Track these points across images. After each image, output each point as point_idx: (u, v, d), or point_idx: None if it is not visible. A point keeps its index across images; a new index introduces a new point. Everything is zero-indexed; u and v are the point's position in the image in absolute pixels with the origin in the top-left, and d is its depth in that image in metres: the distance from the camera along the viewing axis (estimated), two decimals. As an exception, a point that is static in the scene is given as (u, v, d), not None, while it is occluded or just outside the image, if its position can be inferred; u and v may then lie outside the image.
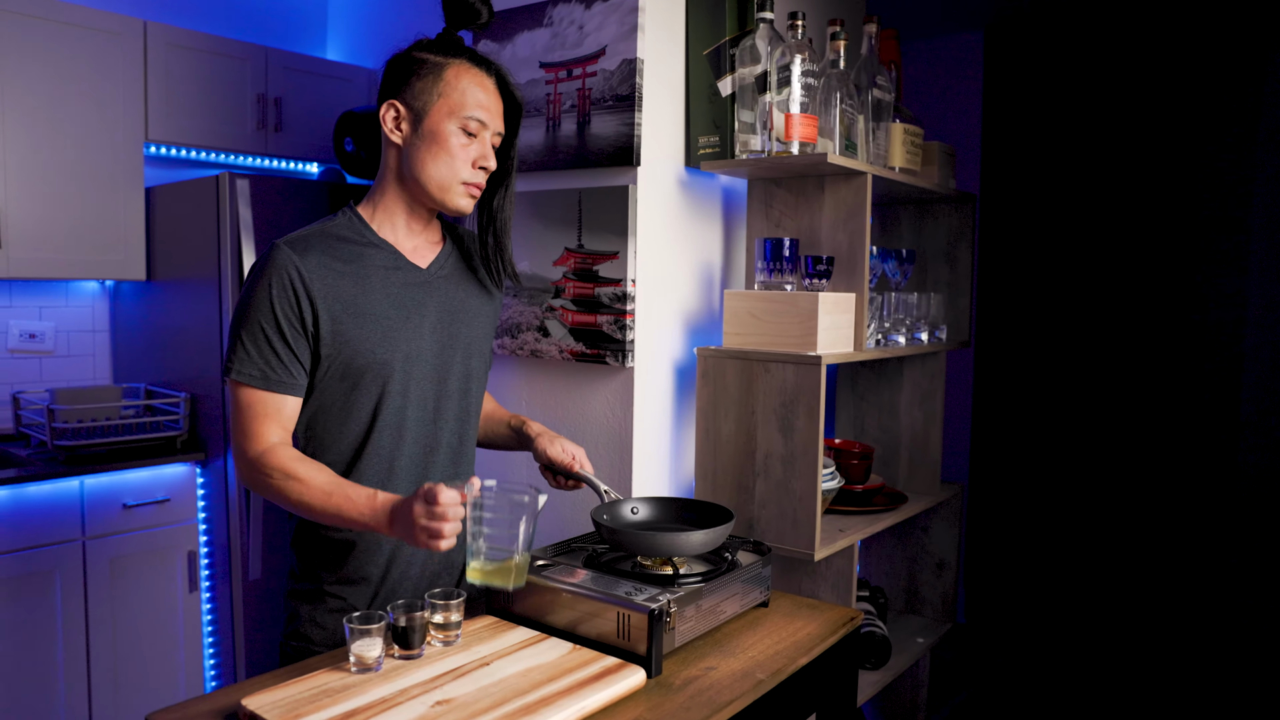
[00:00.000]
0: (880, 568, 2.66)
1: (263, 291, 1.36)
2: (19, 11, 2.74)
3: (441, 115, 1.39)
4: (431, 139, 1.40)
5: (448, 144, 1.40)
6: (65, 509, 2.65)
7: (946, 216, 2.49)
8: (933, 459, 2.38)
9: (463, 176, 1.42)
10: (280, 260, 1.36)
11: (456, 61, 1.41)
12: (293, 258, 1.36)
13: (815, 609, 1.62)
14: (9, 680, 2.54)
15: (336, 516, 1.32)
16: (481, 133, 1.42)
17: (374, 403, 1.43)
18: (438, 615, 1.33)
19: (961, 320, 2.47)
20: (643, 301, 1.95)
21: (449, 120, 1.39)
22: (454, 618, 1.35)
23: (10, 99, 2.74)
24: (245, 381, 1.36)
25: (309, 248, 1.39)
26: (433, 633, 1.34)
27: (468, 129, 1.40)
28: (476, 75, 1.41)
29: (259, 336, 1.36)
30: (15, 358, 3.10)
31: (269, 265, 1.37)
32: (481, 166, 1.42)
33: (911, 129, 2.19)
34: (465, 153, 1.41)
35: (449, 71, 1.40)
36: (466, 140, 1.41)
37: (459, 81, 1.40)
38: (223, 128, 3.22)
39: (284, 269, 1.36)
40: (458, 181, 1.42)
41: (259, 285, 1.36)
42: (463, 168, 1.41)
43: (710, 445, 1.98)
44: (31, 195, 2.80)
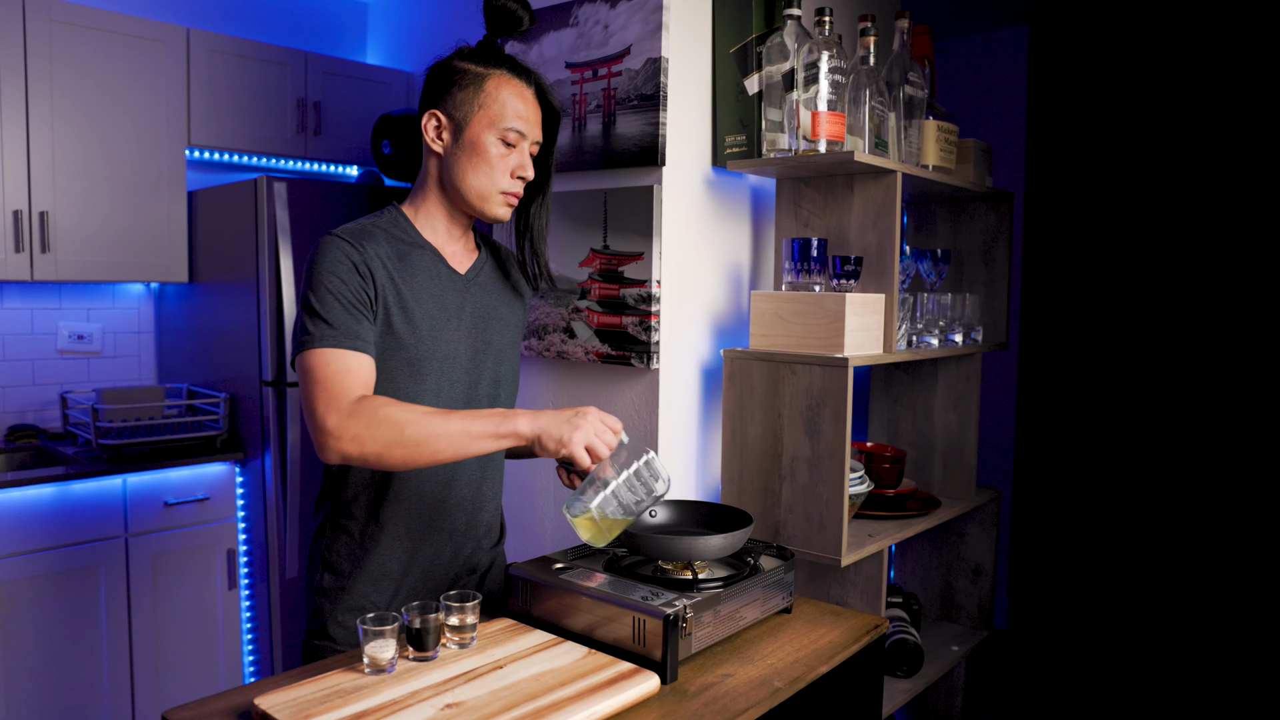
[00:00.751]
0: (915, 574, 2.60)
1: (327, 272, 1.35)
2: (68, 21, 2.81)
3: (482, 126, 1.41)
4: (472, 149, 1.42)
5: (487, 154, 1.41)
6: (109, 506, 2.71)
7: (983, 215, 2.43)
8: (968, 463, 2.33)
9: (501, 186, 1.43)
10: (340, 247, 1.37)
11: (497, 72, 1.42)
12: (347, 244, 1.38)
13: (839, 616, 1.59)
14: (57, 670, 2.61)
15: (462, 432, 1.27)
16: (520, 143, 1.43)
17: (407, 400, 1.43)
18: (453, 617, 1.33)
19: (999, 321, 2.42)
20: (668, 303, 1.93)
21: (489, 131, 1.41)
22: (469, 620, 1.34)
23: (60, 107, 2.81)
24: (329, 345, 1.32)
25: (365, 238, 1.40)
26: (448, 635, 1.34)
27: (507, 140, 1.41)
28: (516, 86, 1.42)
29: (333, 305, 1.34)
30: (64, 358, 3.18)
31: (328, 251, 1.37)
32: (519, 176, 1.44)
33: (945, 126, 2.14)
34: (504, 163, 1.42)
35: (489, 83, 1.41)
36: (505, 150, 1.42)
37: (499, 93, 1.41)
38: (263, 132, 3.27)
39: (347, 254, 1.37)
40: (496, 191, 1.43)
41: (322, 268, 1.35)
42: (501, 177, 1.43)
43: (736, 448, 1.95)
44: (79, 200, 2.87)
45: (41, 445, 2.98)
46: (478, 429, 1.29)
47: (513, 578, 1.46)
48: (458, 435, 1.28)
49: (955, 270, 2.48)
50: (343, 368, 1.32)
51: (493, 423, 1.29)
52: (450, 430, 1.27)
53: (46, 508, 2.59)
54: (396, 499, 1.48)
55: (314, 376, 1.30)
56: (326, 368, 1.31)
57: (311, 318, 1.34)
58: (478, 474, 1.55)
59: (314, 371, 1.31)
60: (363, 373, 1.34)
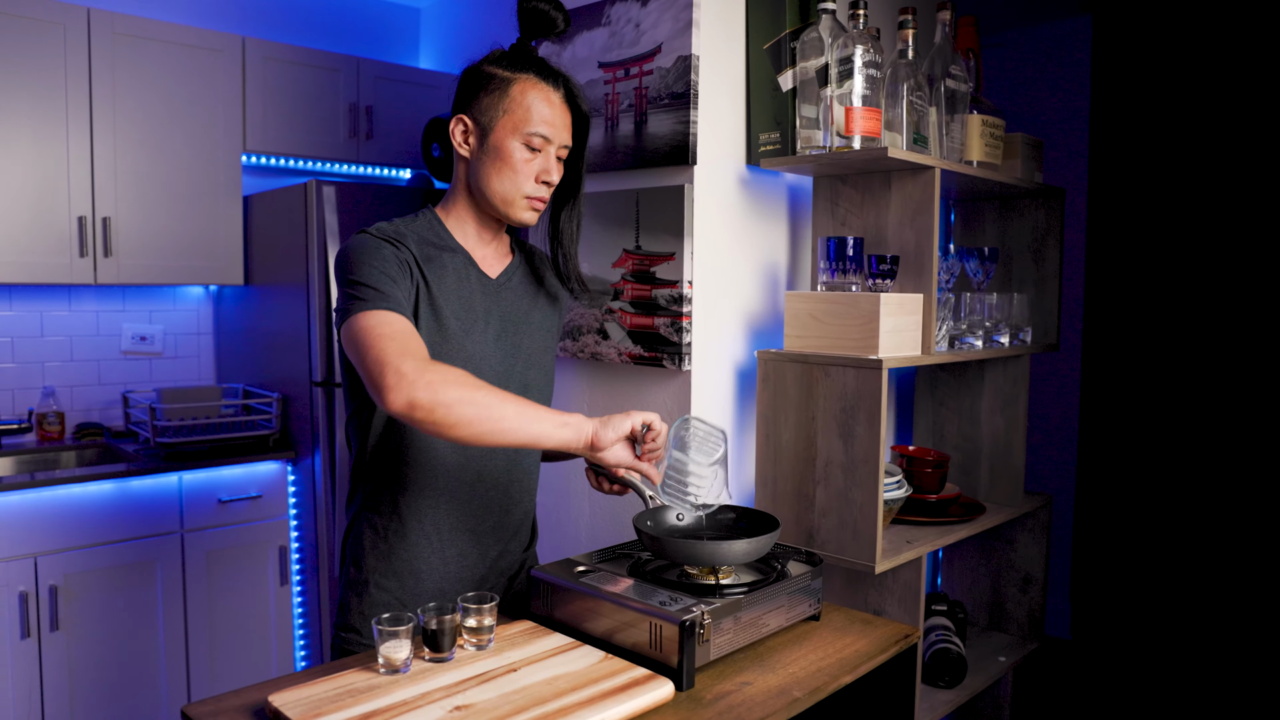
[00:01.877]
0: (962, 581, 2.53)
1: (369, 251, 1.35)
2: (131, 34, 2.90)
3: (506, 131, 1.41)
4: (496, 154, 1.41)
5: (511, 159, 1.41)
6: (165, 503, 2.79)
7: (1033, 212, 2.35)
8: (1015, 468, 2.25)
9: (525, 191, 1.43)
10: (375, 238, 1.38)
11: (523, 77, 1.41)
12: (386, 238, 1.39)
13: (869, 624, 1.55)
14: (116, 660, 2.69)
15: (533, 413, 1.27)
16: (546, 147, 1.42)
17: None
18: (470, 619, 1.33)
19: (1049, 322, 2.33)
20: (701, 303, 1.91)
21: (512, 136, 1.40)
22: (486, 622, 1.34)
23: (122, 116, 2.90)
24: (383, 307, 1.29)
25: (400, 237, 1.42)
26: (465, 636, 1.34)
27: (531, 145, 1.41)
28: (542, 90, 1.41)
29: (378, 276, 1.32)
30: (128, 359, 3.29)
31: (365, 241, 1.38)
32: (544, 181, 1.43)
33: (991, 120, 2.08)
34: (528, 167, 1.42)
35: (515, 88, 1.41)
36: (530, 155, 1.41)
37: (524, 98, 1.40)
38: (316, 137, 3.33)
39: (382, 240, 1.38)
40: (520, 195, 1.43)
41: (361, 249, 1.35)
42: (525, 182, 1.42)
43: (770, 452, 1.92)
44: (140, 206, 2.96)
45: (106, 443, 3.08)
46: (543, 411, 1.29)
47: (534, 580, 1.46)
48: (527, 414, 1.26)
49: (1004, 269, 2.40)
50: (405, 328, 1.28)
51: (555, 411, 1.31)
52: (522, 407, 1.26)
53: (107, 503, 2.68)
54: (424, 498, 1.48)
55: (377, 332, 1.25)
56: (388, 325, 1.27)
57: (356, 287, 1.31)
58: (504, 476, 1.55)
59: (374, 328, 1.26)
60: (415, 335, 1.30)
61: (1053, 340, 2.33)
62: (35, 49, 2.74)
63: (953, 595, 2.57)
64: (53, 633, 2.58)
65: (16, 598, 2.52)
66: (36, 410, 3.05)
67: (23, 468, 2.96)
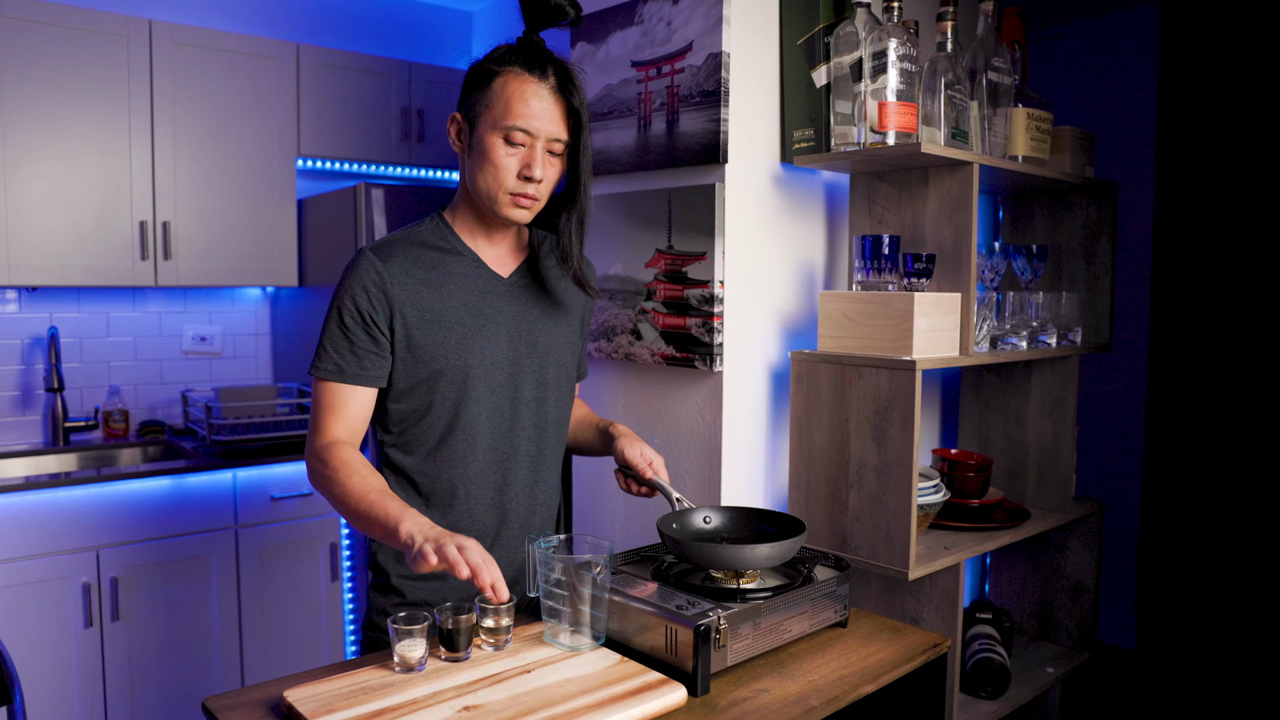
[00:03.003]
0: (1010, 589, 2.46)
1: (345, 293, 1.41)
2: (191, 44, 2.99)
3: (486, 126, 1.38)
4: (478, 150, 1.40)
5: (491, 154, 1.38)
6: (220, 499, 2.87)
7: (1084, 208, 2.27)
8: (1063, 473, 2.17)
9: (508, 187, 1.39)
10: (364, 265, 1.41)
11: (507, 70, 1.38)
12: (376, 263, 1.41)
13: (898, 632, 1.51)
14: (174, 650, 2.78)
15: (366, 516, 1.30)
16: (529, 142, 1.38)
17: (449, 408, 1.45)
18: (487, 619, 1.33)
19: (1101, 321, 2.25)
20: (733, 304, 1.89)
21: (492, 131, 1.38)
22: (504, 622, 1.34)
23: (181, 124, 2.99)
24: (322, 376, 1.42)
25: (392, 254, 1.43)
26: (482, 636, 1.34)
27: (511, 139, 1.37)
28: (524, 82, 1.37)
29: (336, 334, 1.41)
30: (189, 359, 3.39)
31: (353, 269, 1.42)
32: (527, 176, 1.38)
33: (1037, 114, 2.01)
34: (509, 163, 1.38)
35: (496, 81, 1.38)
36: (511, 150, 1.38)
37: (504, 91, 1.37)
38: (368, 140, 3.39)
39: (366, 273, 1.40)
40: (504, 192, 1.40)
41: (342, 288, 1.42)
42: (507, 178, 1.39)
43: (804, 454, 1.89)
44: (198, 210, 3.05)
45: (167, 440, 3.18)
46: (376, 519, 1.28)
47: (555, 580, 1.45)
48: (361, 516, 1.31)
49: (1054, 268, 2.32)
50: (331, 404, 1.42)
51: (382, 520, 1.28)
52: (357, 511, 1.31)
53: (165, 499, 2.76)
54: (444, 501, 1.49)
55: (313, 403, 1.44)
56: (320, 401, 1.43)
57: (321, 343, 1.43)
58: (529, 478, 1.55)
59: (314, 399, 1.44)
60: (349, 409, 1.42)
61: (1105, 340, 2.24)
62: (100, 61, 2.84)
63: (1000, 603, 2.50)
64: (114, 622, 2.67)
65: (80, 589, 2.62)
66: (102, 408, 3.17)
67: (89, 464, 3.07)
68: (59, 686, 2.59)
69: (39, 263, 2.78)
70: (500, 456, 1.50)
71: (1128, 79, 3.63)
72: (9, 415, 3.05)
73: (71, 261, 2.83)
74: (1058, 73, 3.84)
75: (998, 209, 2.52)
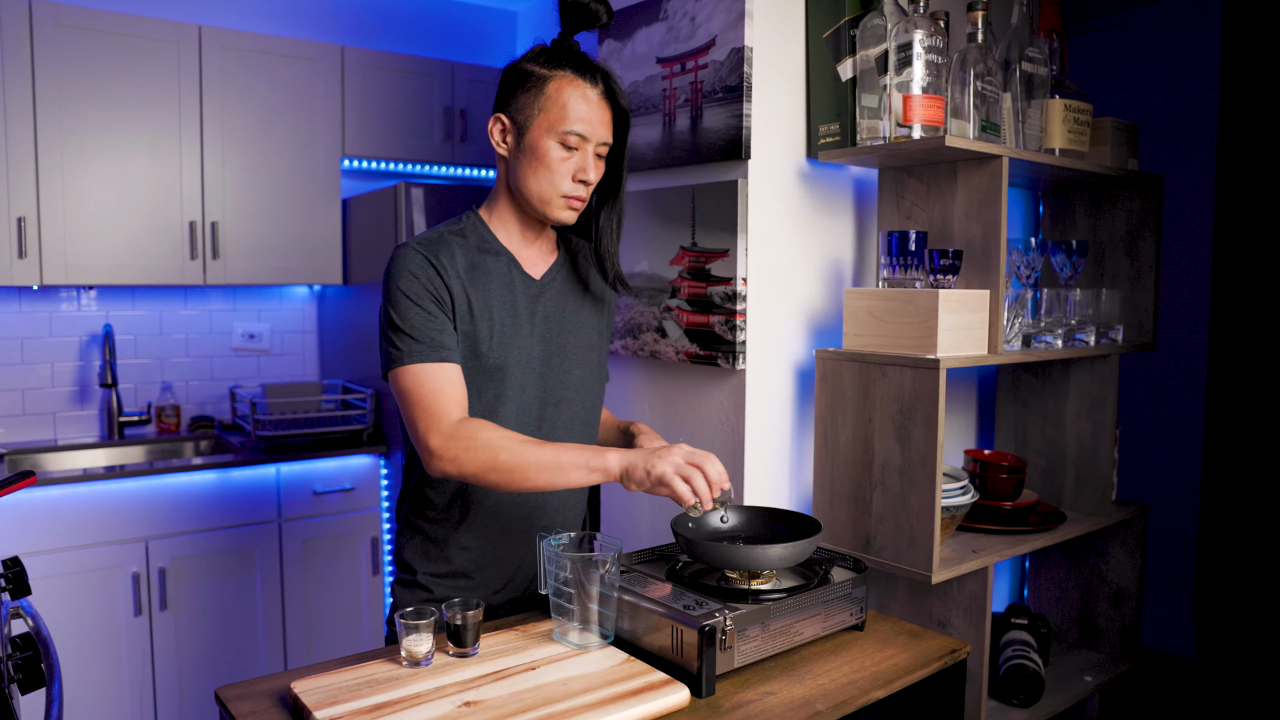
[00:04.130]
0: (1050, 594, 2.39)
1: (406, 281, 1.39)
2: (239, 48, 3.06)
3: (542, 130, 1.39)
4: (532, 153, 1.40)
5: (547, 158, 1.39)
6: (264, 493, 2.94)
7: (1126, 202, 2.19)
8: (1102, 475, 2.10)
9: (562, 190, 1.41)
10: (412, 256, 1.40)
11: (559, 74, 1.39)
12: (426, 253, 1.41)
13: (915, 637, 1.48)
14: (219, 639, 2.86)
15: (554, 462, 1.29)
16: (582, 145, 1.40)
17: (484, 405, 1.46)
18: None
19: (1144, 319, 2.17)
20: (757, 301, 1.87)
21: (548, 135, 1.39)
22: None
23: (229, 126, 3.07)
24: (419, 360, 1.36)
25: (439, 248, 1.42)
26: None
27: (567, 143, 1.39)
28: (578, 87, 1.39)
29: (416, 319, 1.37)
30: (238, 356, 3.47)
31: (404, 260, 1.40)
32: (581, 180, 1.41)
33: (1075, 105, 1.95)
34: (565, 166, 1.40)
35: (550, 85, 1.39)
36: (566, 154, 1.40)
37: (560, 96, 1.38)
38: (412, 140, 3.44)
39: (419, 262, 1.40)
40: (557, 195, 1.41)
41: (399, 278, 1.39)
42: (562, 181, 1.40)
43: (828, 454, 1.86)
44: (245, 210, 3.12)
45: (217, 435, 3.27)
46: (570, 459, 1.29)
47: (568, 579, 1.45)
48: (550, 465, 1.29)
49: (1096, 264, 2.25)
50: (436, 385, 1.35)
51: (585, 456, 1.30)
52: (544, 459, 1.29)
53: (211, 492, 2.84)
54: (469, 498, 1.50)
55: (411, 397, 1.35)
56: (421, 387, 1.35)
57: (395, 333, 1.38)
58: None
59: (410, 392, 1.35)
60: (455, 385, 1.37)
61: (1148, 339, 2.16)
62: (152, 66, 2.92)
63: (1039, 609, 2.43)
64: (162, 611, 2.75)
65: (130, 578, 2.70)
66: (155, 404, 3.26)
67: (141, 458, 3.17)
68: (110, 672, 2.68)
69: (94, 262, 2.88)
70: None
71: (1187, 69, 3.50)
72: (68, 410, 3.17)
73: (124, 261, 2.92)
74: (1118, 63, 3.72)
75: (1038, 204, 2.45)
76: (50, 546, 2.59)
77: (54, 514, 2.59)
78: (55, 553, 2.59)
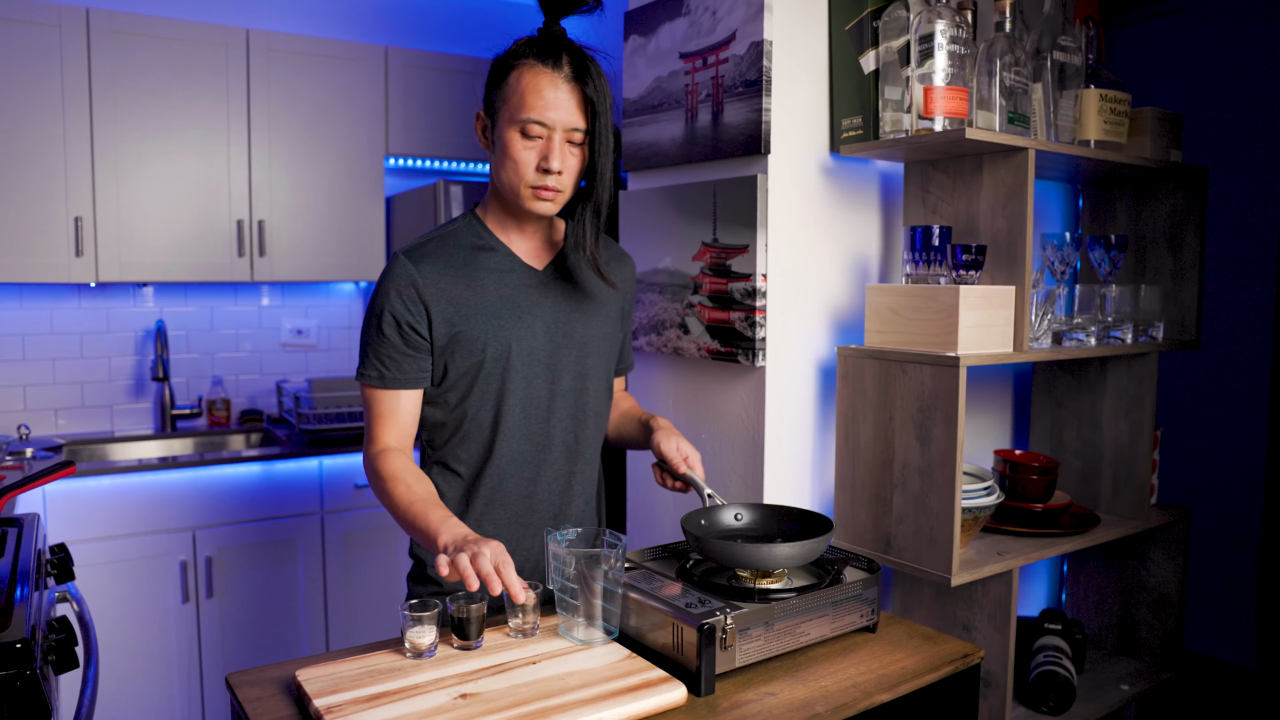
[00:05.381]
0: (1088, 600, 2.32)
1: (381, 299, 1.44)
2: (286, 50, 3.14)
3: (505, 121, 1.39)
4: (499, 145, 1.41)
5: (510, 149, 1.39)
6: (307, 486, 3.00)
7: (1169, 195, 2.11)
8: (1139, 478, 2.03)
9: (528, 180, 1.39)
10: (397, 270, 1.44)
11: (521, 62, 1.38)
12: (409, 266, 1.43)
13: (930, 640, 1.45)
14: (264, 627, 2.94)
15: (412, 526, 1.37)
16: (545, 134, 1.37)
17: (489, 399, 1.47)
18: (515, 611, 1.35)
19: (1187, 317, 2.09)
20: (777, 297, 1.85)
21: (510, 125, 1.38)
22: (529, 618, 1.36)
23: (276, 126, 3.15)
24: (366, 382, 1.46)
25: (425, 256, 1.45)
26: (510, 625, 1.36)
27: (528, 131, 1.37)
28: (538, 73, 1.36)
29: (376, 339, 1.44)
30: (286, 351, 3.56)
31: (388, 276, 1.45)
32: (544, 169, 1.38)
33: (1112, 94, 1.89)
34: (527, 155, 1.38)
35: (512, 75, 1.38)
36: (529, 143, 1.38)
37: (518, 84, 1.37)
38: (455, 138, 3.48)
39: (400, 278, 1.43)
40: (524, 186, 1.40)
41: (378, 294, 1.45)
42: (526, 171, 1.39)
43: (850, 453, 1.83)
44: (291, 209, 3.20)
45: (265, 428, 3.35)
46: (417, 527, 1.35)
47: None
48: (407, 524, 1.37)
49: (1137, 260, 2.17)
50: (379, 411, 1.46)
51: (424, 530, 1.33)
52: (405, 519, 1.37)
53: (256, 484, 2.92)
54: (480, 492, 1.51)
55: (364, 409, 1.50)
56: (369, 408, 1.47)
57: (363, 350, 1.47)
58: (565, 468, 1.56)
59: (365, 406, 1.49)
60: (395, 414, 1.46)
61: (1191, 337, 2.08)
62: (201, 70, 3.01)
63: (1076, 614, 2.36)
64: (208, 599, 2.84)
65: (178, 566, 2.79)
66: (206, 397, 3.36)
67: (192, 449, 3.27)
68: (159, 655, 2.77)
69: (147, 260, 2.97)
70: (536, 447, 1.52)
71: (1253, 56, 3.36)
72: (124, 402, 3.28)
73: (175, 259, 3.01)
74: (1175, 52, 3.59)
75: (1078, 198, 2.38)
76: (104, 534, 2.69)
77: (108, 503, 2.69)
78: (109, 540, 2.69)
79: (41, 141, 2.79)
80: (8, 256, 2.77)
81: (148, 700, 2.76)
